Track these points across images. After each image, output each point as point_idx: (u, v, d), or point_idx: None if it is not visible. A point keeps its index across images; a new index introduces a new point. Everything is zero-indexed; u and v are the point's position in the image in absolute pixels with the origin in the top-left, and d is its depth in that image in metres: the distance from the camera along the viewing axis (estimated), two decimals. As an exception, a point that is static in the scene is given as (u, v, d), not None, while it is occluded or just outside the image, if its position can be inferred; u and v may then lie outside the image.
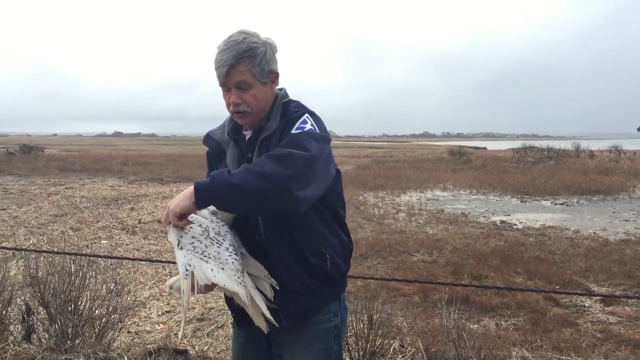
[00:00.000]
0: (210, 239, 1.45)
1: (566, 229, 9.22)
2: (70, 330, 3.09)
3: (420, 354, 3.22)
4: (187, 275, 1.40)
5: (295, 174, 1.34)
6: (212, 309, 4.72)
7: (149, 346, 3.36)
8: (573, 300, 5.25)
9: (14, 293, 3.50)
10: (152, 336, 4.03)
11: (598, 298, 5.23)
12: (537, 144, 34.35)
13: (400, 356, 3.27)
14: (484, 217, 10.63)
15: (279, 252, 1.54)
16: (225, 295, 1.63)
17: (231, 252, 1.46)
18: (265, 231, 1.54)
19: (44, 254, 4.43)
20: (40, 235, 8.06)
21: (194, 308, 4.72)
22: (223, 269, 1.43)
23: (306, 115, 1.54)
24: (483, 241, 8.05)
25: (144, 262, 6.11)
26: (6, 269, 3.87)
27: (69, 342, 3.05)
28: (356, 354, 2.99)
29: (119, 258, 5.78)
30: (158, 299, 5.07)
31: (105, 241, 7.82)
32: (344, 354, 2.83)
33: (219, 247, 1.45)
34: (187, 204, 1.36)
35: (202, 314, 4.59)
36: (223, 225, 1.51)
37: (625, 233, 8.84)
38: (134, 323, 4.35)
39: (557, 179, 16.59)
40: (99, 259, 5.06)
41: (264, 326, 1.51)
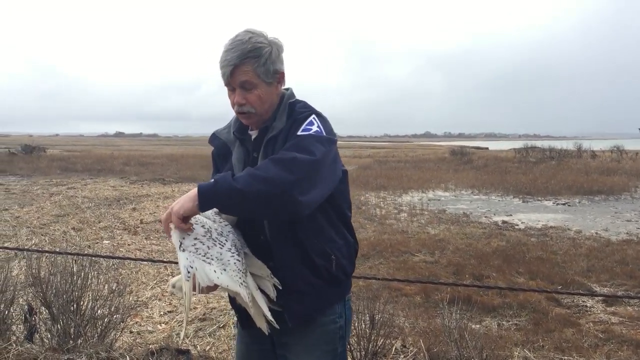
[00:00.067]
0: (213, 240, 1.44)
1: (568, 229, 9.21)
2: (72, 330, 3.10)
3: (422, 354, 3.22)
4: (188, 277, 1.40)
5: (299, 179, 1.33)
6: (214, 309, 4.73)
7: (151, 346, 3.37)
8: (575, 300, 5.24)
9: (16, 293, 3.50)
10: (154, 336, 4.04)
11: (600, 298, 5.23)
12: (539, 144, 34.33)
13: (402, 356, 3.27)
14: (485, 217, 10.62)
15: (283, 252, 1.53)
16: (228, 295, 1.63)
17: (233, 252, 1.46)
18: (270, 231, 1.53)
19: (46, 254, 4.44)
20: (42, 235, 8.07)
21: (196, 308, 4.73)
22: (225, 270, 1.42)
23: (313, 116, 1.52)
24: (485, 241, 8.04)
25: (145, 262, 6.12)
26: (8, 269, 3.88)
27: (71, 342, 3.06)
28: (358, 354, 2.99)
29: (121, 258, 5.78)
30: (160, 299, 5.08)
31: (107, 241, 7.84)
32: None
33: (221, 248, 1.44)
34: (190, 206, 1.36)
35: (204, 314, 4.59)
36: (226, 225, 1.50)
37: (627, 233, 8.83)
38: (136, 323, 4.36)
39: (559, 179, 16.57)
40: (101, 259, 5.06)
41: (265, 327, 1.50)
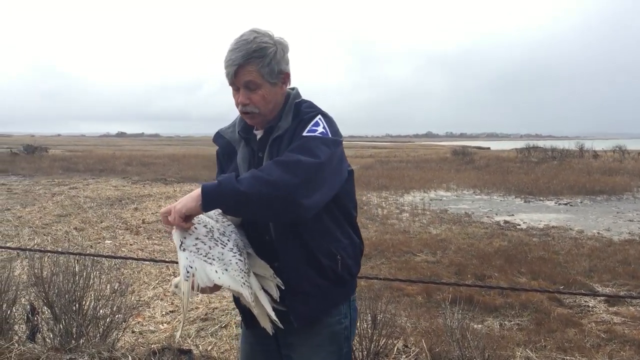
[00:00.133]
0: (215, 239, 1.44)
1: (570, 229, 9.20)
2: (74, 330, 3.10)
3: (424, 354, 3.22)
4: (187, 277, 1.39)
5: (303, 182, 1.33)
6: (216, 309, 4.73)
7: (153, 346, 3.37)
8: (577, 300, 5.24)
9: (18, 293, 3.50)
10: (156, 336, 4.04)
11: (602, 298, 5.22)
12: (541, 144, 34.28)
13: (404, 356, 3.27)
14: (487, 217, 10.61)
15: (289, 252, 1.52)
16: (233, 295, 1.62)
17: (235, 252, 1.45)
18: (275, 232, 1.52)
19: (48, 253, 4.44)
20: (44, 235, 8.08)
21: (197, 308, 4.73)
22: (227, 270, 1.42)
23: (319, 117, 1.51)
24: (487, 241, 8.03)
25: (147, 262, 6.12)
26: (11, 268, 3.89)
27: (73, 341, 3.06)
28: (360, 354, 2.99)
29: (123, 258, 5.79)
30: (162, 299, 5.08)
31: (109, 241, 7.85)
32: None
33: (223, 248, 1.44)
34: (193, 205, 1.36)
35: (205, 314, 4.59)
36: (229, 225, 1.50)
37: (629, 233, 8.81)
38: (138, 323, 4.36)
39: (560, 179, 16.54)
40: (103, 258, 5.07)
41: (269, 327, 1.50)
